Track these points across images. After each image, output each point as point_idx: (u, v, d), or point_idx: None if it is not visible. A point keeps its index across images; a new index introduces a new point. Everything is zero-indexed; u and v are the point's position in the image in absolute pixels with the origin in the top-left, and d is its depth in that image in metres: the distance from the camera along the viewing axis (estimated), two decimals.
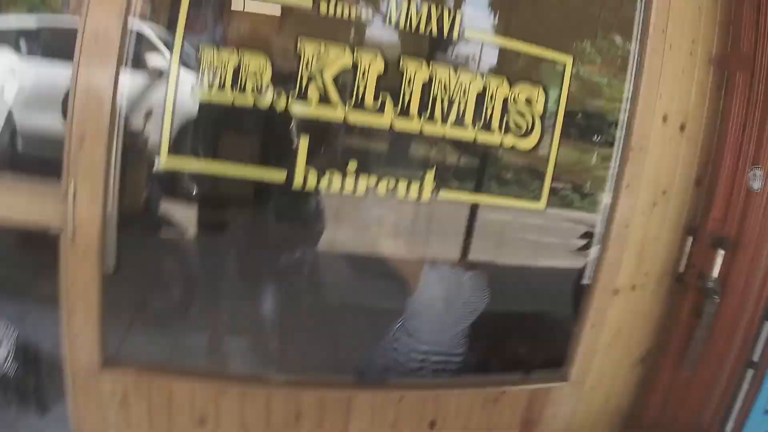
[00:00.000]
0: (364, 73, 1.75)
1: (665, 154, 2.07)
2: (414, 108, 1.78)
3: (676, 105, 2.07)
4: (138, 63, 1.82)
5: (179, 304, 2.43)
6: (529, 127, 1.90)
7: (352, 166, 1.81)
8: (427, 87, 1.78)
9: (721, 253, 2.00)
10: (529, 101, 1.88)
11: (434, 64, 1.77)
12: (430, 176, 1.85)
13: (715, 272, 2.01)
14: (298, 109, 1.76)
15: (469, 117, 1.83)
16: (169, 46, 1.84)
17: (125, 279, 1.76)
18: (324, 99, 1.75)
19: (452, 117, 1.81)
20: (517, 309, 2.41)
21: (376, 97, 1.75)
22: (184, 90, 1.74)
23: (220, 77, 1.72)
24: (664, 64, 2.02)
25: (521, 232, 2.26)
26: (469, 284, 2.13)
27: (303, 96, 1.74)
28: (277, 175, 1.83)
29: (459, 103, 1.81)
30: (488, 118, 1.85)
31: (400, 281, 2.09)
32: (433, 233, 2.07)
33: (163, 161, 1.82)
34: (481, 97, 1.83)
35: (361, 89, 1.75)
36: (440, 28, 1.76)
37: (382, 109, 1.77)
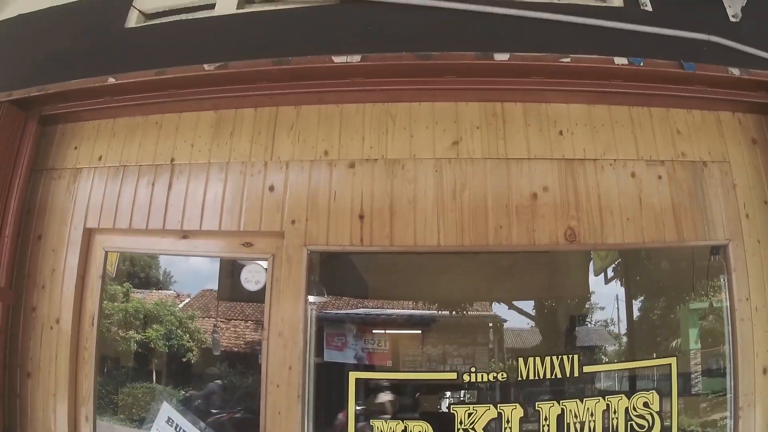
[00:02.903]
0: (508, 420, 2.40)
1: None
2: None
3: None
4: None
5: None
6: (650, 424, 2.48)
7: None
8: (560, 417, 2.40)
9: None
10: (646, 404, 2.47)
11: (564, 400, 2.39)
12: None
13: None
14: None
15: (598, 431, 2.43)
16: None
17: None
18: None
19: None
20: None
21: None
22: None
23: None
24: (754, 326, 2.58)
25: None
26: None
27: None
28: None
29: (588, 424, 2.42)
30: (615, 427, 2.44)
31: None
32: None
33: None
34: (606, 413, 2.43)
35: None
36: (563, 371, 2.40)
37: None
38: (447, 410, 2.38)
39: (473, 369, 2.37)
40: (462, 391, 2.49)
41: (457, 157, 2.44)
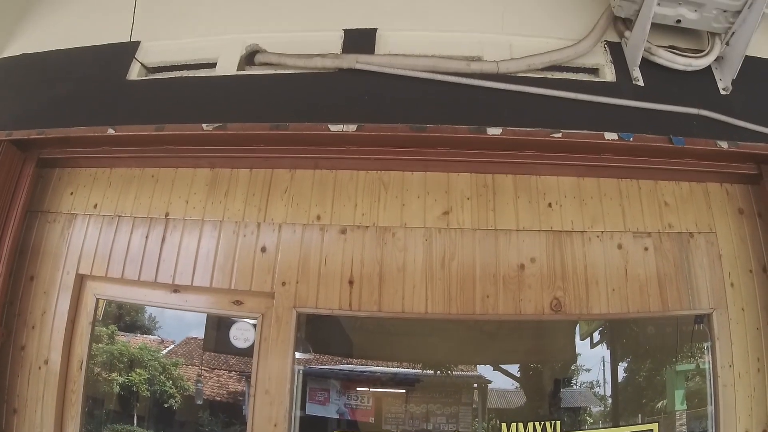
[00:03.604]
0: None
1: None
2: None
3: (754, 419, 2.69)
4: None
5: None
6: None
7: None
8: None
9: None
10: None
11: None
12: None
13: None
14: None
15: None
16: None
17: None
18: None
19: None
20: None
21: None
22: None
23: None
24: (736, 392, 2.68)
25: None
26: None
27: None
28: None
29: None
30: None
31: None
32: None
33: None
34: None
35: None
36: None
37: None
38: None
39: None
40: None
41: (447, 227, 2.55)
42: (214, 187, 2.72)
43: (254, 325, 2.56)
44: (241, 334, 2.59)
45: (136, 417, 3.07)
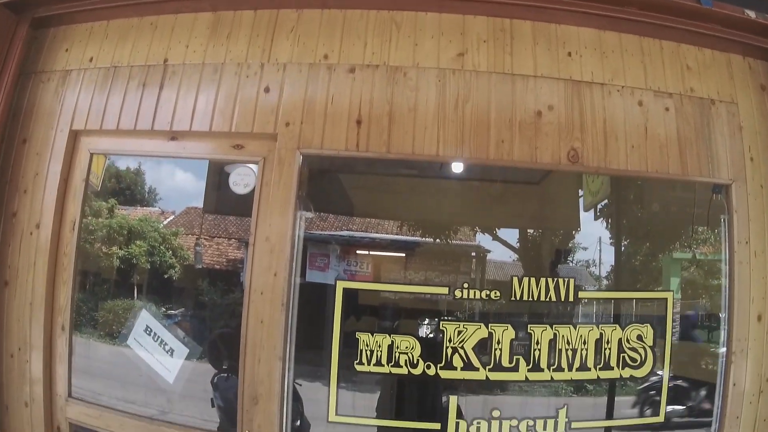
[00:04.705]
0: (498, 341, 2.38)
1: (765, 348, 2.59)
2: (543, 362, 2.40)
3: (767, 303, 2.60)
4: None
5: None
6: (643, 358, 2.48)
7: (496, 413, 2.43)
8: (552, 342, 2.39)
9: None
10: (640, 337, 2.47)
11: (556, 324, 2.38)
12: (562, 413, 2.45)
13: None
14: (446, 374, 2.40)
15: (590, 361, 2.42)
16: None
17: None
18: (467, 365, 2.39)
19: (576, 364, 2.41)
20: None
21: (510, 359, 2.38)
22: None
23: (376, 356, 2.39)
24: (752, 271, 2.59)
25: None
26: None
27: (449, 364, 2.39)
28: (431, 427, 2.45)
29: (581, 352, 2.41)
30: (607, 358, 2.44)
31: None
32: None
33: (331, 418, 2.49)
34: (599, 342, 2.43)
35: (497, 353, 2.39)
36: (558, 295, 2.40)
37: (516, 367, 2.39)
38: (436, 327, 2.37)
39: (466, 285, 2.36)
40: (452, 309, 2.47)
41: (461, 68, 2.44)
42: (216, 30, 2.58)
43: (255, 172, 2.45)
44: (241, 180, 2.47)
45: (135, 288, 2.97)
